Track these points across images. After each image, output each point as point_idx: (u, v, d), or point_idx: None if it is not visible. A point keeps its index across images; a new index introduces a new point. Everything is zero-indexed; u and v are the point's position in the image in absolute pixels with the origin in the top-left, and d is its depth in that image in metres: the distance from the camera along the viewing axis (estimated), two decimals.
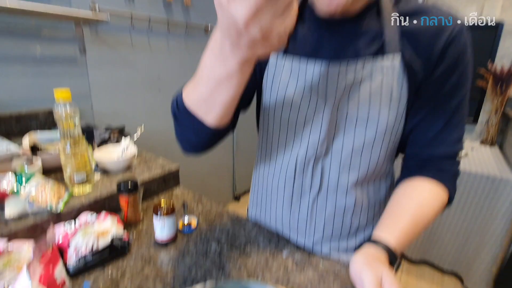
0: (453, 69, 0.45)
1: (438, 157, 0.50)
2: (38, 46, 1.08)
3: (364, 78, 0.46)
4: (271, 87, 0.54)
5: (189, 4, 1.57)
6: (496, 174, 1.36)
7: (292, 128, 0.53)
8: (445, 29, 0.43)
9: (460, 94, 0.46)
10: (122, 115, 1.40)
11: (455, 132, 0.49)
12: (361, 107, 0.47)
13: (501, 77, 1.60)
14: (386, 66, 0.45)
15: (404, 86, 0.46)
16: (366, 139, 0.49)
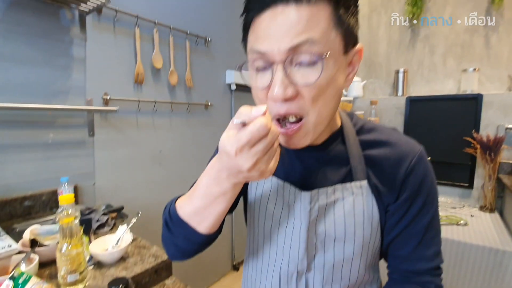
0: (417, 193, 0.48)
1: (418, 272, 0.51)
2: (51, 134, 1.18)
3: (336, 200, 0.50)
4: (255, 196, 0.58)
5: (192, 86, 1.74)
6: (499, 246, 1.32)
7: (274, 240, 0.55)
8: (405, 159, 0.48)
9: (429, 214, 0.49)
10: (123, 189, 1.45)
11: (430, 248, 0.50)
12: (337, 227, 0.50)
13: (489, 145, 1.67)
14: (355, 191, 0.49)
15: (374, 206, 0.49)
16: (345, 255, 0.51)
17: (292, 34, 0.37)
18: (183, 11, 1.68)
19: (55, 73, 1.18)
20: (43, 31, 1.13)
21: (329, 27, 0.38)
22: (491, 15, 1.84)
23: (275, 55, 0.38)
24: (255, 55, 0.41)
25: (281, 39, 0.37)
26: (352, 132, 0.52)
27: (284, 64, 0.38)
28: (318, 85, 0.39)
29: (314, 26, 0.37)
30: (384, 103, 2.18)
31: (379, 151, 0.49)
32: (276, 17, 0.37)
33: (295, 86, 0.39)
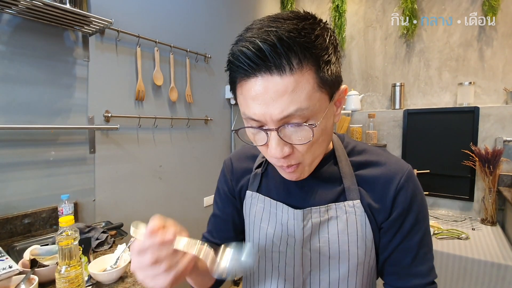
0: (408, 210, 0.50)
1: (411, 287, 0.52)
2: (53, 152, 1.20)
3: (330, 218, 0.52)
4: (249, 217, 0.61)
5: (192, 101, 1.77)
6: (501, 261, 1.31)
7: (269, 258, 0.57)
8: (395, 178, 0.50)
9: (421, 230, 0.51)
10: (123, 205, 1.46)
11: (424, 264, 0.52)
12: (331, 245, 0.51)
13: (487, 158, 1.68)
14: (348, 209, 0.51)
15: (368, 225, 0.51)
16: (340, 273, 0.52)
17: (281, 105, 0.38)
18: (183, 30, 1.73)
19: (58, 92, 1.21)
20: (47, 52, 1.17)
21: (314, 90, 0.39)
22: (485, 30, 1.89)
23: (268, 123, 0.41)
24: (249, 120, 0.43)
25: (271, 109, 0.39)
26: (343, 153, 0.55)
27: (278, 130, 0.41)
28: (312, 141, 0.42)
29: (300, 94, 0.38)
30: (382, 116, 2.20)
31: (370, 171, 0.52)
32: (262, 86, 0.39)
33: (290, 145, 0.43)
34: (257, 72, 0.39)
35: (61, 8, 1.03)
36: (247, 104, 0.42)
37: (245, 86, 0.41)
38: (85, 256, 0.82)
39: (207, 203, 1.94)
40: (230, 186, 0.66)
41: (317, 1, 2.60)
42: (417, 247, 0.51)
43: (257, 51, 0.37)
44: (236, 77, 0.43)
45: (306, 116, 0.40)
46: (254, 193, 0.60)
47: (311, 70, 0.39)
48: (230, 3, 2.10)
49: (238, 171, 0.65)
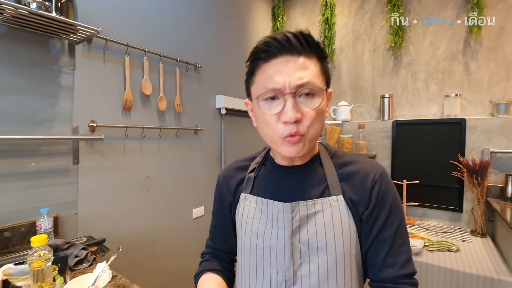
0: (383, 203, 0.57)
1: (391, 279, 0.56)
2: (33, 163, 1.15)
3: (317, 212, 0.58)
4: (241, 218, 0.66)
5: (181, 111, 1.75)
6: (494, 275, 1.30)
7: (261, 254, 0.61)
8: (370, 173, 0.58)
9: (395, 222, 0.57)
10: (107, 218, 1.40)
11: (401, 255, 0.56)
12: (319, 236, 0.57)
13: (475, 169, 1.70)
14: (332, 204, 0.58)
15: (350, 218, 0.58)
16: (329, 266, 0.56)
17: (298, 76, 0.52)
18: (173, 39, 1.73)
19: (42, 101, 1.17)
20: (31, 60, 1.13)
21: (319, 73, 0.55)
22: (470, 44, 1.94)
23: (286, 89, 0.52)
24: (268, 90, 0.54)
25: (291, 78, 0.52)
26: (327, 156, 0.63)
27: (294, 95, 0.52)
28: (316, 111, 0.54)
29: (311, 72, 0.53)
30: (371, 126, 2.22)
31: (349, 168, 0.60)
32: (285, 63, 0.53)
33: (301, 111, 0.53)
34: (282, 52, 0.53)
35: (47, 16, 1.01)
36: (270, 78, 0.53)
37: (268, 65, 0.54)
38: (61, 277, 0.77)
39: (196, 215, 1.90)
40: (224, 199, 0.72)
41: (308, 14, 2.65)
42: (392, 237, 0.56)
43: (285, 38, 0.52)
44: (258, 64, 0.55)
45: (314, 90, 0.53)
46: (248, 195, 0.66)
47: (317, 59, 0.55)
48: (221, 14, 2.11)
49: (232, 182, 0.71)
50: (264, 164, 0.68)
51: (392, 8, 2.11)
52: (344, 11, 2.44)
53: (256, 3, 2.55)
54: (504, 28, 1.83)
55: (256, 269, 0.62)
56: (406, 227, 0.59)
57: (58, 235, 1.20)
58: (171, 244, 1.73)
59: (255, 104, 0.57)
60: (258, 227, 0.62)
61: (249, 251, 0.63)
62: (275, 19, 2.72)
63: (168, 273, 1.71)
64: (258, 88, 0.56)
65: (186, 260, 1.81)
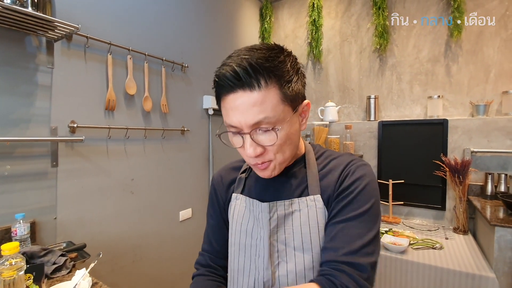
0: (348, 191, 0.55)
1: (329, 263, 0.52)
2: (8, 166, 1.09)
3: (294, 211, 0.58)
4: (233, 217, 0.67)
5: (167, 112, 1.71)
6: (475, 271, 1.34)
7: (248, 252, 0.63)
8: (348, 164, 0.59)
9: (356, 211, 0.54)
10: (88, 223, 1.35)
11: (351, 243, 0.52)
12: (295, 235, 0.57)
13: (456, 168, 1.74)
14: (309, 203, 0.58)
15: (327, 218, 0.57)
16: (305, 264, 0.56)
17: (252, 114, 0.50)
18: (159, 38, 1.69)
19: (16, 101, 1.11)
20: (5, 58, 1.07)
21: (278, 103, 0.51)
22: (451, 47, 2.00)
23: (243, 128, 0.52)
24: (229, 126, 0.54)
25: (245, 117, 0.50)
26: (312, 157, 0.64)
27: (250, 134, 0.52)
28: (278, 143, 0.53)
29: (267, 106, 0.50)
30: (358, 127, 2.25)
31: (330, 166, 0.61)
32: (238, 100, 0.50)
33: (262, 145, 0.53)
34: (235, 89, 0.50)
35: (22, 12, 0.96)
36: (227, 114, 0.53)
37: (226, 100, 0.52)
38: (37, 286, 0.72)
39: (183, 217, 1.86)
40: (219, 197, 0.73)
41: (295, 15, 2.66)
42: (346, 223, 0.53)
43: (234, 73, 0.49)
44: (221, 93, 0.54)
45: (273, 123, 0.51)
46: (239, 194, 0.68)
47: (275, 87, 0.50)
48: (209, 13, 2.09)
49: (226, 182, 0.72)
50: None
51: (378, 11, 2.15)
52: (331, 13, 2.46)
53: (244, 4, 2.54)
54: (483, 32, 1.90)
55: (244, 266, 0.64)
56: (375, 225, 0.54)
57: (35, 241, 1.15)
58: (157, 248, 1.68)
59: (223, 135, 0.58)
60: (247, 225, 0.64)
61: (238, 249, 0.65)
62: (263, 19, 2.72)
63: (154, 277, 1.66)
64: (224, 117, 0.55)
65: (173, 264, 1.77)
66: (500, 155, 1.78)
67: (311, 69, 2.57)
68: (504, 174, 1.73)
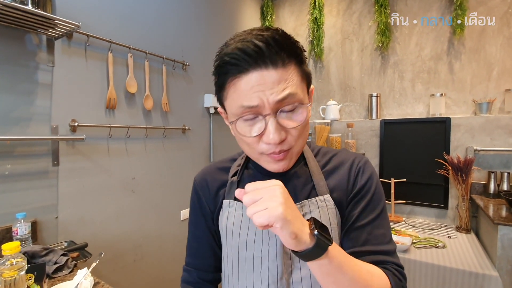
0: (365, 190, 0.55)
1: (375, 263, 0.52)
2: (9, 165, 1.08)
3: (305, 214, 0.54)
4: (226, 227, 0.59)
5: (168, 110, 1.70)
6: (478, 270, 1.33)
7: (250, 266, 0.56)
8: (354, 162, 0.57)
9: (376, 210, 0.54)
10: (90, 221, 1.34)
11: (383, 245, 0.53)
12: None
13: (459, 167, 1.73)
14: (320, 204, 0.55)
15: (338, 217, 0.55)
16: None
17: (276, 90, 0.45)
18: (160, 36, 1.68)
19: (17, 99, 1.10)
20: (5, 56, 1.07)
21: (300, 80, 0.49)
22: (453, 45, 1.98)
23: (266, 108, 0.46)
24: (244, 109, 0.47)
25: (269, 95, 0.45)
26: (311, 155, 0.60)
27: (276, 114, 0.46)
28: (301, 125, 0.49)
29: (292, 82, 0.46)
30: (360, 125, 2.24)
31: (333, 163, 0.59)
32: (259, 78, 0.45)
33: (286, 129, 0.48)
34: (253, 66, 0.45)
35: (22, 9, 0.95)
36: (244, 96, 0.46)
37: (240, 81, 0.46)
38: (38, 285, 0.72)
39: (184, 216, 1.85)
40: (205, 205, 0.64)
41: (296, 13, 2.65)
42: (371, 226, 0.53)
43: (255, 47, 0.44)
44: (227, 78, 0.48)
45: (297, 101, 0.47)
46: (232, 201, 0.59)
47: (296, 65, 0.48)
48: (210, 11, 2.08)
49: (214, 186, 0.64)
50: (247, 167, 0.63)
51: (379, 9, 2.13)
52: (333, 11, 2.45)
53: (245, 2, 2.53)
54: (485, 30, 1.88)
55: (246, 283, 0.57)
56: (388, 219, 0.57)
57: (36, 241, 1.14)
58: (158, 247, 1.68)
59: (232, 124, 0.51)
60: (247, 236, 0.56)
61: (238, 263, 0.58)
62: (264, 18, 2.70)
63: (156, 277, 1.66)
64: (233, 106, 0.49)
65: (174, 263, 1.76)
66: (503, 154, 1.77)
67: (313, 67, 2.56)
68: (507, 173, 1.72)
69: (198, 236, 0.66)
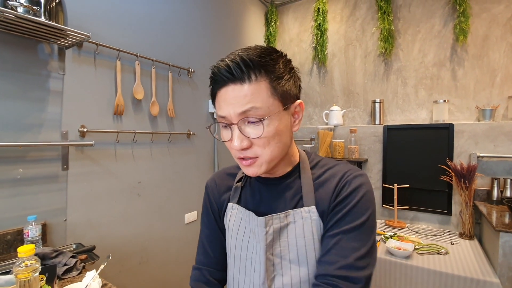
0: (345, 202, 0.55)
1: (324, 276, 0.52)
2: (21, 170, 1.13)
3: (289, 223, 0.58)
4: (228, 227, 0.66)
5: (174, 116, 1.74)
6: (480, 277, 1.33)
7: (243, 266, 0.62)
8: (342, 176, 0.58)
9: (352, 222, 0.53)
10: (97, 224, 1.38)
11: (347, 258, 0.51)
12: (290, 247, 0.57)
13: (462, 173, 1.73)
14: (304, 215, 0.57)
15: (322, 229, 0.57)
16: (301, 275, 0.56)
17: (241, 103, 0.51)
18: (166, 44, 1.72)
19: (29, 106, 1.15)
20: (18, 64, 1.12)
21: (268, 96, 0.52)
22: (456, 52, 1.99)
23: (232, 118, 0.52)
24: (219, 118, 0.55)
25: (234, 107, 0.52)
26: (307, 166, 0.62)
27: (238, 124, 0.52)
28: (265, 136, 0.52)
29: (256, 97, 0.51)
30: (363, 131, 2.25)
31: (325, 176, 0.60)
32: (229, 92, 0.52)
33: (248, 138, 0.53)
34: (228, 82, 0.52)
35: (35, 21, 0.99)
36: (220, 106, 0.54)
37: (220, 93, 0.54)
38: (49, 286, 0.75)
39: (189, 220, 1.88)
40: (214, 204, 0.71)
41: (300, 19, 2.68)
42: (341, 236, 0.53)
43: (227, 68, 0.52)
44: (216, 89, 0.56)
45: (260, 114, 0.51)
46: (234, 204, 0.66)
47: (265, 81, 0.52)
48: (214, 19, 2.12)
49: (221, 189, 0.71)
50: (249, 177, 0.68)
51: (383, 15, 2.15)
52: (336, 18, 2.47)
53: (250, 8, 2.57)
54: (489, 37, 1.89)
55: (239, 280, 0.63)
56: (370, 237, 0.54)
57: (46, 243, 1.18)
58: (163, 250, 1.71)
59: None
60: (243, 237, 0.63)
61: (234, 261, 0.64)
62: (268, 24, 2.74)
63: (160, 280, 1.69)
64: (216, 110, 0.57)
65: (179, 266, 1.79)
66: (506, 160, 1.77)
67: (316, 73, 2.59)
68: (510, 179, 1.72)
69: (208, 235, 0.72)
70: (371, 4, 2.29)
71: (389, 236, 1.77)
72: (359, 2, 2.35)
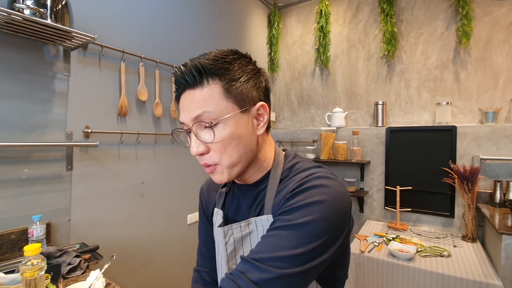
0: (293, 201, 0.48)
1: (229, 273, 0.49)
2: (26, 170, 1.14)
3: (251, 232, 0.57)
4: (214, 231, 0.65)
5: (177, 117, 1.75)
6: (482, 279, 1.33)
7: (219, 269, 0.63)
8: (301, 180, 0.51)
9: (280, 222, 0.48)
10: (100, 224, 1.39)
11: (253, 254, 0.47)
12: None
13: (465, 175, 1.73)
14: (264, 224, 0.55)
15: None
16: None
17: (194, 108, 0.51)
18: (170, 45, 1.73)
19: (35, 107, 1.16)
20: (25, 66, 1.13)
21: (220, 99, 0.50)
22: (459, 54, 1.99)
23: (188, 123, 0.52)
24: (181, 124, 0.55)
25: (188, 112, 0.51)
26: (279, 171, 0.57)
27: (193, 129, 0.51)
28: (220, 141, 0.51)
29: (209, 101, 0.50)
30: (365, 133, 2.25)
31: (289, 180, 0.54)
32: (185, 98, 0.52)
33: (205, 144, 0.51)
34: (186, 88, 0.52)
35: (42, 23, 1.01)
36: (180, 112, 0.55)
37: (180, 99, 0.54)
38: (54, 285, 0.76)
39: (191, 221, 1.89)
40: (205, 208, 0.72)
41: (303, 21, 2.69)
42: (273, 233, 0.47)
43: (181, 75, 0.52)
44: (178, 94, 0.55)
45: (213, 118, 0.50)
46: (219, 210, 0.65)
47: (218, 85, 0.51)
48: (218, 21, 2.13)
49: (210, 193, 0.72)
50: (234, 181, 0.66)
51: (385, 18, 2.16)
52: (339, 20, 2.48)
53: (253, 10, 2.58)
54: (491, 40, 1.89)
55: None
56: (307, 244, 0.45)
57: (50, 242, 1.19)
58: (165, 251, 1.72)
59: None
60: (219, 242, 0.62)
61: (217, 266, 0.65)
62: (271, 26, 2.75)
63: (163, 280, 1.69)
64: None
65: (181, 267, 1.80)
66: (509, 163, 1.76)
67: (319, 74, 2.59)
68: None
69: (204, 239, 0.72)
70: (374, 7, 2.30)
71: (392, 238, 1.77)
72: (362, 4, 2.36)
